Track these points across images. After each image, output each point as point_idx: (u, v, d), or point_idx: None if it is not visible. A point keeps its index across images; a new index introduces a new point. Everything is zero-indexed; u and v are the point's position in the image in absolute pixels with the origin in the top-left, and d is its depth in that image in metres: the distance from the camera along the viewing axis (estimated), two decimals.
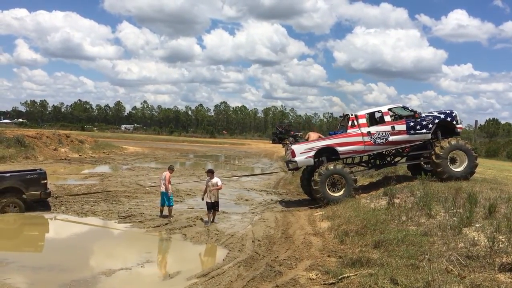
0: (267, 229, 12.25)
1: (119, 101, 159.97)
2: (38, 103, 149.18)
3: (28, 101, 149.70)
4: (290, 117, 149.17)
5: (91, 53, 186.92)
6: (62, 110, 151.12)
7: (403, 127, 15.42)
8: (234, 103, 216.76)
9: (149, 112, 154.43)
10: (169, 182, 13.56)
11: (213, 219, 13.13)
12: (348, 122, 15.67)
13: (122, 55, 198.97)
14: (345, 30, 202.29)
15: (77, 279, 8.23)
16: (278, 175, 27.09)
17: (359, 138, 15.33)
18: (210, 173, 13.37)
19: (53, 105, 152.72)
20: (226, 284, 7.97)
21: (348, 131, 15.49)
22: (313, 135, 17.03)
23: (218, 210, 13.32)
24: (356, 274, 7.58)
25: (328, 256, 9.40)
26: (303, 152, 15.27)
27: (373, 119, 15.97)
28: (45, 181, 14.39)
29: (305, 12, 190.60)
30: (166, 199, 13.44)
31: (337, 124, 18.97)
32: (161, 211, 13.69)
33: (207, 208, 13.08)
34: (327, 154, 15.38)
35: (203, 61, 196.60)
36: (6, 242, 11.50)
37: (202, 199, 13.44)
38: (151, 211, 14.41)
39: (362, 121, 15.48)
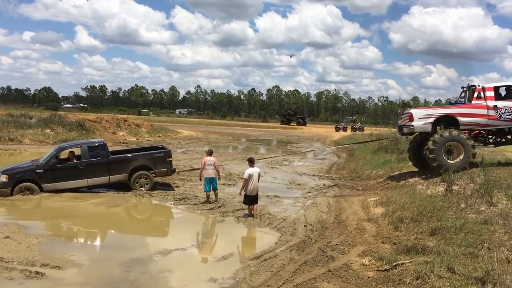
0: (319, 214, 12.19)
1: (173, 85, 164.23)
2: (98, 88, 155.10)
3: (88, 86, 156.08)
4: (344, 101, 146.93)
5: (147, 38, 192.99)
6: (120, 95, 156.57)
7: None
8: (286, 87, 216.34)
9: (202, 96, 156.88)
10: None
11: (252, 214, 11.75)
12: (473, 94, 15.06)
13: (176, 40, 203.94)
14: (402, 10, 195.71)
15: (136, 258, 8.57)
16: (331, 160, 26.81)
17: (484, 111, 14.64)
18: (250, 162, 11.88)
19: (112, 90, 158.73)
20: (278, 267, 8.03)
21: (473, 102, 14.89)
22: None
23: (247, 204, 11.90)
24: (411, 262, 7.42)
25: (382, 242, 9.27)
26: (421, 118, 14.85)
27: (499, 93, 15.12)
28: (171, 159, 15.58)
29: None
30: (215, 183, 13.37)
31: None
32: (208, 197, 13.41)
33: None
34: (445, 123, 14.82)
35: (256, 45, 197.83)
36: (75, 220, 12.00)
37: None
38: (204, 194, 14.65)
39: (490, 93, 14.73)
